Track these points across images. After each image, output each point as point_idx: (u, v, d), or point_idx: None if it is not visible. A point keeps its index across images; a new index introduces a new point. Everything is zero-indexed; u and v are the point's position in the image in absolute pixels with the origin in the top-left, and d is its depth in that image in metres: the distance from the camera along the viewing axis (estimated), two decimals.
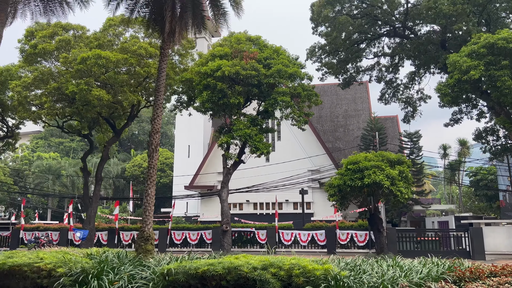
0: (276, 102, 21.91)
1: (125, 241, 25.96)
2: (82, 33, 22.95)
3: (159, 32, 13.28)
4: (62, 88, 20.97)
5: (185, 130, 45.96)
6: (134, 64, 21.01)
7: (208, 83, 21.53)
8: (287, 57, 23.54)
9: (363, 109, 46.75)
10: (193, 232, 25.61)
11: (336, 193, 19.08)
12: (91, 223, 23.50)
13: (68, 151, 59.44)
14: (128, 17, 14.20)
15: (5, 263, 9.28)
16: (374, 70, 30.31)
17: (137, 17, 14.57)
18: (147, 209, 11.38)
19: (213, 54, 22.66)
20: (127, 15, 14.14)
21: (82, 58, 19.93)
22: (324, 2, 22.96)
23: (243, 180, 35.00)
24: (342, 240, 23.53)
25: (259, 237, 24.74)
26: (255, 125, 22.50)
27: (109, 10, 13.77)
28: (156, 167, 11.57)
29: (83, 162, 26.04)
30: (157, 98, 12.18)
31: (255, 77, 21.56)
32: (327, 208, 37.07)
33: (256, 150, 21.83)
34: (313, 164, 38.40)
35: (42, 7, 16.56)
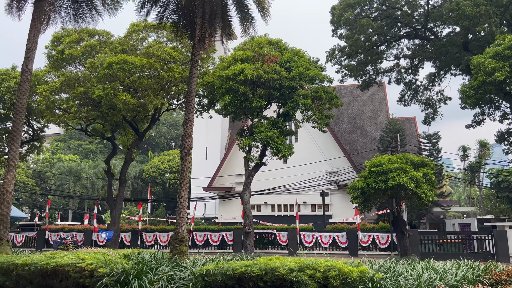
0: (298, 104, 22.09)
1: (148, 242, 26.38)
2: (106, 39, 23.45)
3: (189, 38, 13.60)
4: (89, 93, 21.48)
5: (203, 132, 46.39)
6: (158, 69, 21.41)
7: (230, 86, 21.81)
8: (307, 60, 23.72)
9: (381, 111, 46.55)
10: (215, 233, 25.89)
11: (359, 195, 19.13)
12: (115, 224, 23.96)
13: (87, 153, 60.47)
14: (158, 23, 14.55)
15: (48, 263, 9.64)
16: (393, 71, 30.26)
17: (166, 23, 14.89)
18: (181, 211, 11.66)
19: (234, 57, 22.94)
20: (157, 21, 14.49)
21: (109, 63, 20.41)
22: (345, 5, 23.07)
23: (261, 182, 35.21)
24: (364, 242, 23.55)
25: (280, 239, 24.89)
26: (276, 128, 22.71)
27: (140, 16, 14.14)
28: (188, 170, 11.85)
29: (106, 165, 26.58)
30: (189, 102, 12.47)
31: (276, 80, 21.80)
32: (345, 210, 37.12)
33: (278, 153, 22.04)
34: (331, 166, 38.44)
35: (73, 14, 17.09)
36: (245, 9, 13.76)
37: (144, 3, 13.81)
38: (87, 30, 23.05)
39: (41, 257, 10.15)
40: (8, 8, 16.11)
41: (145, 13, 14.12)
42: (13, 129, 13.30)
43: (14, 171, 12.71)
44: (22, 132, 28.79)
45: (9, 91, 24.24)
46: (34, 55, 14.06)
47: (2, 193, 12.30)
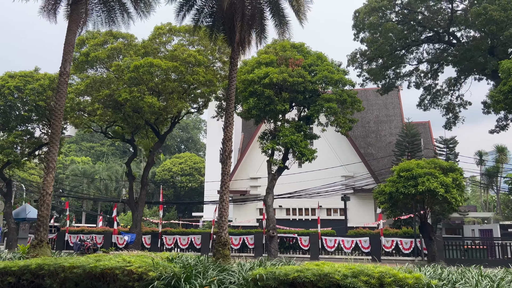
0: (322, 108, 22.04)
1: (168, 245, 26.36)
2: (130, 41, 23.55)
3: (227, 41, 13.61)
4: (114, 95, 21.54)
5: (217, 135, 46.37)
6: (183, 72, 21.45)
7: (255, 90, 21.80)
8: (330, 64, 23.70)
9: (395, 115, 46.38)
10: (235, 237, 25.82)
11: (387, 200, 19.01)
12: (137, 226, 23.97)
13: (99, 155, 60.70)
14: (193, 26, 14.58)
15: (97, 266, 9.61)
16: (413, 76, 30.13)
17: (200, 27, 14.91)
18: (223, 214, 11.62)
19: (258, 61, 22.94)
20: (192, 24, 14.52)
21: (135, 66, 20.48)
22: (370, 9, 23.04)
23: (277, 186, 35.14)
24: (387, 248, 23.40)
25: (302, 243, 24.79)
26: (299, 132, 22.67)
27: (177, 20, 14.18)
28: (229, 173, 11.82)
29: (127, 167, 26.63)
30: (229, 105, 12.46)
31: (301, 84, 21.77)
32: (361, 214, 36.89)
33: (301, 156, 21.99)
34: (346, 171, 38.29)
35: (104, 17, 17.14)
36: (282, 13, 13.75)
37: (182, 7, 13.84)
38: (111, 32, 23.17)
39: (87, 259, 10.12)
40: (42, 11, 16.19)
41: (182, 17, 14.15)
42: (52, 131, 13.33)
43: (53, 173, 12.74)
44: (43, 134, 29.02)
45: (33, 93, 24.36)
46: (72, 57, 14.11)
47: (42, 195, 12.32)
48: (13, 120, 26.04)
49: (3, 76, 25.37)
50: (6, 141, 24.28)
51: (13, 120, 26.00)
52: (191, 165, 58.24)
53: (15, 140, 24.69)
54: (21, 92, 24.69)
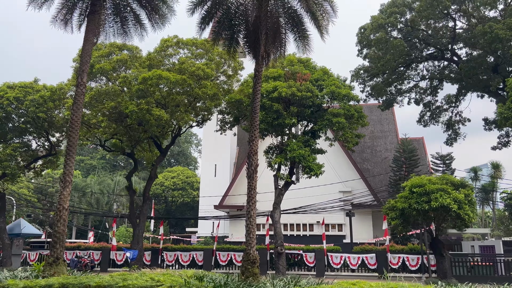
0: (331, 123, 21.99)
1: (168, 262, 25.63)
2: (136, 53, 23.23)
3: (251, 54, 13.45)
4: (120, 108, 21.10)
5: (212, 149, 45.98)
6: (192, 85, 21.18)
7: (263, 103, 21.62)
8: (336, 79, 23.81)
9: (390, 131, 46.87)
10: (239, 253, 25.24)
11: (398, 216, 18.87)
12: (139, 242, 23.26)
13: (89, 169, 59.44)
14: (213, 38, 14.40)
15: (126, 286, 9.12)
16: (412, 92, 30.47)
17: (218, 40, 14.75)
18: (250, 231, 11.26)
19: (266, 75, 22.85)
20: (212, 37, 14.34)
21: (143, 78, 20.13)
22: (376, 25, 23.30)
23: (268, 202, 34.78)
24: (394, 264, 23.19)
25: (307, 259, 24.40)
26: (306, 146, 22.54)
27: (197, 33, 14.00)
28: (256, 188, 11.50)
29: (128, 181, 25.99)
30: (253, 119, 12.23)
31: (309, 98, 21.75)
32: (359, 231, 36.71)
33: (310, 171, 21.78)
34: (344, 186, 38.24)
35: (117, 28, 16.86)
36: (303, 27, 13.70)
37: (204, 19, 13.67)
38: (116, 44, 22.84)
39: (113, 279, 9.61)
40: (54, 20, 15.84)
41: (202, 29, 13.98)
42: (68, 143, 12.84)
43: (70, 187, 12.22)
44: (39, 146, 28.20)
45: (33, 104, 23.70)
46: (88, 68, 13.74)
47: (59, 210, 11.77)
48: (10, 132, 25.25)
49: (1, 87, 24.69)
50: (4, 153, 23.46)
51: (10, 132, 25.21)
52: (183, 179, 57.43)
53: (12, 153, 23.87)
54: (20, 103, 24.01)
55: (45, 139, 27.34)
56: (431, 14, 22.24)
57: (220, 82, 25.92)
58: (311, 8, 13.14)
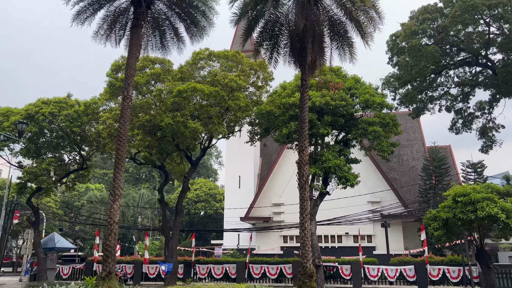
0: (366, 132, 21.66)
1: (201, 275, 25.40)
2: (168, 67, 23.42)
3: (297, 64, 13.34)
4: (155, 121, 21.19)
5: (235, 161, 45.90)
6: (225, 97, 21.18)
7: (296, 113, 21.46)
8: (369, 87, 23.54)
9: (416, 139, 46.13)
10: (272, 266, 24.91)
11: (441, 226, 18.30)
12: (173, 256, 23.13)
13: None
14: (254, 49, 14.35)
15: None
16: (443, 99, 29.89)
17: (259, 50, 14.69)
18: (306, 244, 11.00)
19: (297, 85, 22.70)
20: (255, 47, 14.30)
21: (178, 91, 20.22)
22: (409, 32, 23.01)
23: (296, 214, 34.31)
24: (434, 276, 22.49)
25: (343, 272, 23.87)
26: (340, 156, 22.23)
27: (240, 43, 13.96)
28: (308, 199, 11.26)
29: (160, 194, 26.02)
30: (302, 129, 12.06)
31: (343, 107, 21.51)
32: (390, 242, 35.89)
33: (346, 181, 21.42)
34: (373, 196, 37.61)
35: (155, 42, 17.00)
36: (347, 35, 13.55)
37: (249, 29, 13.65)
38: (149, 58, 23.06)
39: None
40: (95, 36, 16.06)
41: (245, 40, 13.97)
42: (117, 156, 12.87)
43: (119, 200, 12.20)
44: (70, 161, 28.53)
45: (67, 119, 24.03)
46: (133, 81, 13.82)
47: (109, 224, 11.73)
48: (44, 147, 25.63)
49: (36, 103, 25.12)
50: (39, 168, 23.76)
51: (44, 147, 25.58)
52: (206, 191, 57.42)
53: (47, 167, 24.17)
54: (55, 118, 24.37)
55: (77, 153, 27.66)
56: (466, 20, 21.85)
57: (249, 93, 25.93)
58: (355, 15, 13.00)
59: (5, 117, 24.44)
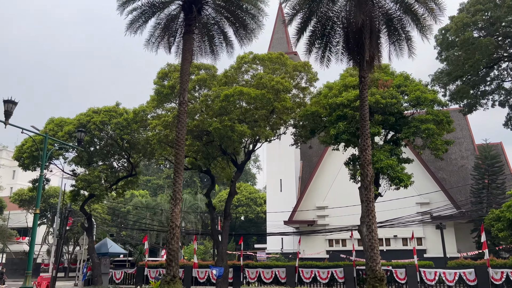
0: (419, 130, 20.86)
1: (250, 279, 25.29)
2: (213, 72, 23.60)
3: (353, 61, 13.03)
4: (203, 126, 21.35)
5: (276, 164, 45.71)
6: (271, 99, 21.05)
7: (344, 113, 21.01)
8: (419, 84, 22.72)
9: (464, 137, 44.19)
10: (323, 270, 24.44)
11: (506, 227, 17.29)
12: (224, 260, 23.16)
13: (156, 188, 61.25)
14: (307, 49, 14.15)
15: None
16: (496, 93, 28.47)
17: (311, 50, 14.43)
18: (374, 246, 10.61)
19: (345, 84, 22.27)
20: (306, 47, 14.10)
21: (225, 95, 20.28)
22: (461, 25, 22.05)
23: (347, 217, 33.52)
24: (496, 280, 21.25)
25: (397, 276, 23.03)
26: (392, 155, 21.52)
27: (293, 43, 13.79)
28: (373, 200, 10.87)
29: (207, 198, 26.18)
30: (364, 128, 11.71)
31: (394, 105, 20.83)
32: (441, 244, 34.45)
33: (399, 182, 20.65)
34: (421, 197, 36.30)
35: (204, 48, 17.11)
36: (406, 29, 13.07)
37: (300, 30, 13.48)
38: (195, 64, 23.28)
39: None
40: (147, 44, 16.37)
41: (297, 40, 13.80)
42: (176, 161, 13.00)
43: (180, 204, 12.29)
44: (119, 168, 29.29)
45: (117, 127, 24.68)
46: (188, 86, 13.94)
47: (171, 228, 11.82)
48: (95, 155, 26.43)
49: (87, 112, 25.99)
50: (92, 176, 24.51)
51: (95, 155, 26.38)
52: (246, 195, 57.56)
53: (99, 175, 24.91)
54: (105, 127, 25.10)
55: (126, 160, 28.36)
56: None
57: (293, 95, 25.70)
58: (412, 8, 12.51)
59: (59, 127, 25.41)
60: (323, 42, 13.93)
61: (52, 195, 44.01)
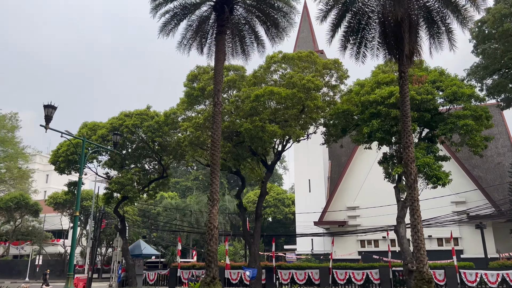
0: (456, 126, 20.16)
1: (283, 280, 25.06)
2: (242, 73, 23.54)
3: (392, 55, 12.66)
4: (233, 126, 21.31)
5: (304, 164, 45.28)
6: (302, 98, 20.80)
7: (378, 111, 20.54)
8: (455, 79, 21.99)
9: (500, 133, 42.55)
10: (357, 271, 23.96)
11: None
12: (257, 261, 23.04)
13: (184, 190, 61.86)
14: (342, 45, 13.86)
15: None
16: None
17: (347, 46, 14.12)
18: (420, 247, 10.24)
19: (377, 81, 21.77)
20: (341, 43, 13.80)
21: (256, 95, 20.17)
22: (499, 16, 21.15)
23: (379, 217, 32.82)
24: None
25: (436, 277, 22.28)
26: (428, 153, 20.88)
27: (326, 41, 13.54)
28: (418, 199, 10.49)
29: (238, 199, 26.16)
30: (405, 124, 11.34)
31: (430, 101, 20.21)
32: (477, 244, 33.23)
33: (437, 180, 20.01)
34: (457, 196, 35.13)
35: (235, 48, 17.02)
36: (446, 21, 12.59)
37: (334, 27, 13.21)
38: (224, 65, 23.29)
39: None
40: (179, 46, 16.44)
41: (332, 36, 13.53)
42: (212, 162, 12.97)
43: (217, 205, 12.24)
44: (151, 170, 29.64)
45: (149, 130, 24.97)
46: (221, 87, 13.89)
47: (210, 229, 11.77)
48: (127, 158, 26.84)
49: (119, 116, 26.42)
50: (126, 178, 24.87)
51: (128, 158, 26.79)
52: (274, 196, 57.28)
53: (133, 177, 25.26)
54: (137, 130, 25.43)
55: (157, 162, 28.67)
56: None
57: (322, 93, 25.34)
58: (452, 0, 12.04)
59: (92, 131, 25.93)
60: (358, 38, 13.60)
61: (84, 198, 45.07)
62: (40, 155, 72.54)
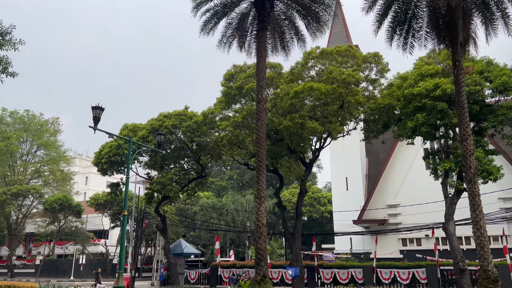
0: (508, 118, 19.13)
1: (326, 280, 24.70)
2: (279, 70, 23.31)
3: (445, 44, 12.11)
4: (272, 124, 21.12)
5: (341, 162, 44.51)
6: (343, 93, 20.34)
7: (423, 104, 19.78)
8: (504, 68, 20.85)
9: None
10: (403, 270, 23.26)
11: None
12: (298, 260, 22.76)
13: (219, 190, 62.32)
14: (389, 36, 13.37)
15: None
16: None
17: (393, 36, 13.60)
18: (483, 244, 9.70)
19: (421, 73, 20.97)
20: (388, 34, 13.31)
21: (295, 92, 19.90)
22: None
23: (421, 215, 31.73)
24: None
25: None
26: (478, 147, 19.94)
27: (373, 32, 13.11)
28: (479, 194, 9.94)
29: (277, 198, 25.97)
30: (462, 115, 10.81)
31: (478, 93, 19.27)
32: None
33: (487, 175, 19.07)
34: (504, 192, 33.46)
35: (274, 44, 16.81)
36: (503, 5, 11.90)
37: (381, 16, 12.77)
38: None
39: None
40: (219, 44, 16.41)
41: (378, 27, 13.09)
42: (257, 159, 12.85)
43: (265, 203, 12.10)
44: (191, 170, 29.92)
45: (188, 130, 25.19)
46: (264, 84, 13.74)
47: (258, 227, 11.66)
48: (167, 158, 27.19)
49: (158, 117, 26.80)
50: (166, 178, 25.20)
51: (167, 158, 27.13)
52: (310, 195, 56.70)
53: (173, 177, 25.56)
54: (176, 130, 25.71)
55: (195, 162, 28.90)
56: None
57: (361, 88, 24.72)
58: None
59: (133, 133, 26.44)
60: (405, 28, 13.09)
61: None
62: (80, 158, 75.01)
